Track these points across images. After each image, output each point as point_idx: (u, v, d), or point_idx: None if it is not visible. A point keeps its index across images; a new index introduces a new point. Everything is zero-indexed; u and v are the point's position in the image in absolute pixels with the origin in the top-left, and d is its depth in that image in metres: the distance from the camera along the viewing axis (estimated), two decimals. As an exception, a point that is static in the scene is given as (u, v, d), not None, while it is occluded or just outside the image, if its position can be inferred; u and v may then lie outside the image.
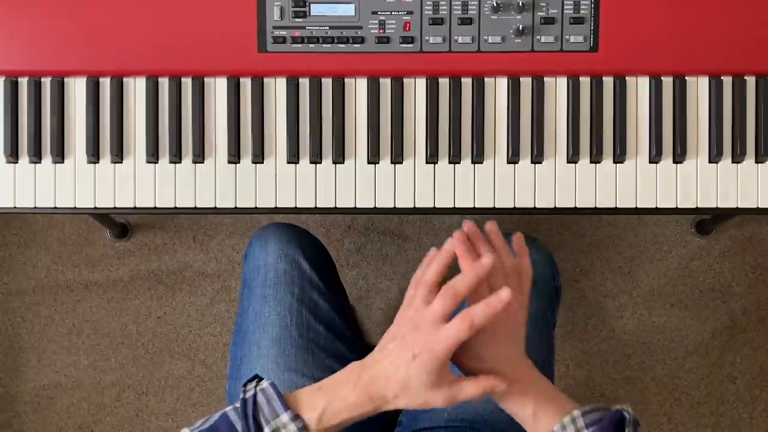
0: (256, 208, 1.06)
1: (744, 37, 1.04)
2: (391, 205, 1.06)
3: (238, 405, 0.80)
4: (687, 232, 1.70)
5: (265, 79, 1.06)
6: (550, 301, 1.11)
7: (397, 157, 1.05)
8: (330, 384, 0.83)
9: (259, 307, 1.08)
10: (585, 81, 1.05)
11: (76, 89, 1.05)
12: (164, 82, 1.05)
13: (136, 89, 1.06)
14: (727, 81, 1.06)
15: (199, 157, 1.05)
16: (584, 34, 1.04)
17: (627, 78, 1.05)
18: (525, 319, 0.89)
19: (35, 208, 1.06)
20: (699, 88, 1.06)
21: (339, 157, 1.05)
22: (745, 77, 1.05)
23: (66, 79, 1.05)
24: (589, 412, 0.81)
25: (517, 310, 0.87)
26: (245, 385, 0.82)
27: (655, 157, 1.06)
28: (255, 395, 0.80)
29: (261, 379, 0.83)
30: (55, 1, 1.03)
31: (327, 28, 1.04)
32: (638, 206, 1.06)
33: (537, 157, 1.05)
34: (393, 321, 0.85)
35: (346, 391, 0.81)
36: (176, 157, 1.05)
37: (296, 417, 0.79)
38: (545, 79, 1.06)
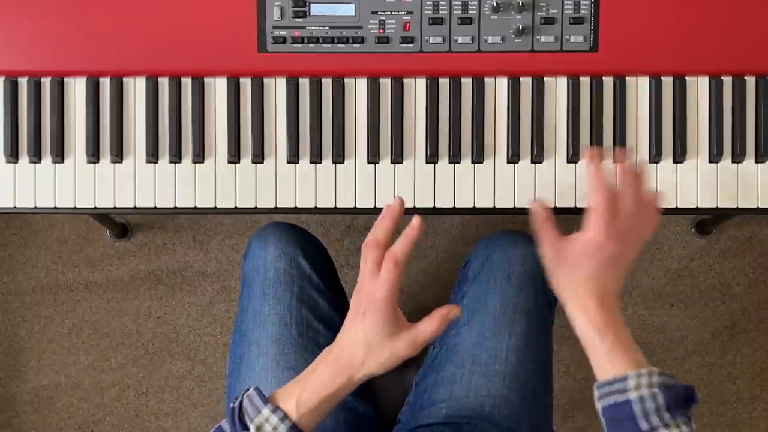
0: (256, 208, 1.06)
1: (744, 37, 1.04)
2: (391, 205, 1.06)
3: (229, 414, 0.83)
4: (687, 232, 1.70)
5: (265, 79, 1.06)
6: (547, 298, 1.11)
7: (397, 157, 1.05)
8: (305, 372, 0.86)
9: (258, 306, 1.08)
10: (585, 81, 1.05)
11: (76, 89, 1.05)
12: (164, 82, 1.05)
13: (136, 89, 1.06)
14: (727, 81, 1.06)
15: (199, 157, 1.05)
16: (584, 34, 1.04)
17: (627, 78, 1.05)
18: (637, 243, 0.90)
19: (35, 208, 1.06)
20: (699, 88, 1.06)
21: (339, 157, 1.05)
22: (745, 77, 1.05)
23: (66, 79, 1.05)
24: (665, 374, 0.83)
25: (609, 240, 0.87)
26: (235, 400, 0.85)
27: (655, 157, 1.06)
28: (241, 401, 0.83)
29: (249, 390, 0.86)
30: (55, 2, 1.03)
31: (327, 28, 1.04)
32: (638, 206, 1.06)
33: (537, 157, 1.05)
34: None
35: (319, 371, 0.84)
36: (176, 157, 1.05)
37: (276, 408, 0.81)
38: (545, 79, 1.06)
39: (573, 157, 1.05)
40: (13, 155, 1.05)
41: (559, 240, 0.91)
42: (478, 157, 1.05)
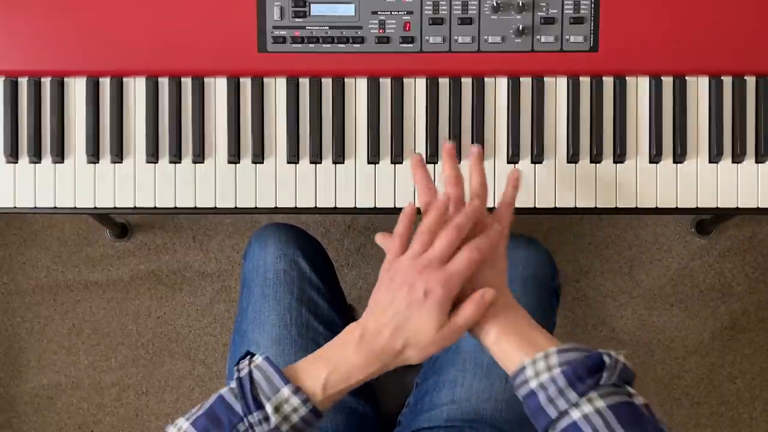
0: (256, 208, 1.06)
1: (744, 37, 1.04)
2: (391, 205, 1.06)
3: (233, 385, 0.78)
4: (687, 232, 1.70)
5: (265, 79, 1.06)
6: (549, 300, 1.11)
7: (397, 157, 1.05)
8: (329, 350, 0.81)
9: (258, 306, 1.08)
10: (585, 81, 1.05)
11: (76, 89, 1.05)
12: (164, 82, 1.05)
13: (136, 89, 1.06)
14: (727, 81, 1.06)
15: (199, 157, 1.05)
16: (584, 34, 1.04)
17: (627, 78, 1.05)
18: (500, 246, 0.87)
19: (35, 208, 1.06)
20: (699, 88, 1.06)
21: (339, 157, 1.05)
22: (745, 77, 1.05)
23: (66, 79, 1.05)
24: (566, 350, 0.77)
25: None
26: (238, 363, 0.80)
27: (655, 157, 1.06)
28: (250, 372, 0.78)
29: (253, 355, 0.81)
30: (54, 1, 1.03)
31: (327, 28, 1.04)
32: (638, 206, 1.06)
33: (537, 157, 1.05)
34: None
35: (348, 353, 0.80)
36: (176, 157, 1.05)
37: (297, 390, 0.77)
38: (545, 79, 1.06)
39: (573, 157, 1.05)
40: (13, 155, 1.05)
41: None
42: (478, 157, 1.05)
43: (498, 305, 0.83)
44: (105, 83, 1.05)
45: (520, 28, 1.03)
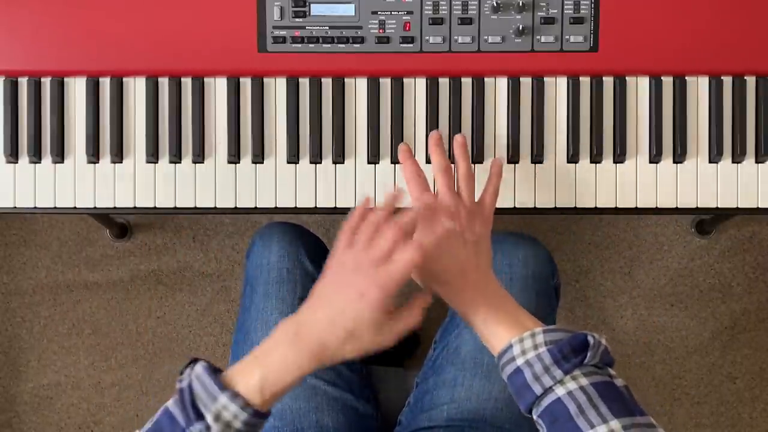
0: (256, 208, 1.06)
1: (744, 37, 1.04)
2: (391, 205, 1.06)
3: (177, 397, 0.77)
4: (687, 232, 1.70)
5: (265, 79, 1.06)
6: (548, 300, 1.11)
7: (397, 157, 1.05)
8: (264, 349, 0.79)
9: (261, 305, 1.08)
10: (585, 81, 1.05)
11: (76, 89, 1.05)
12: (164, 82, 1.05)
13: (136, 89, 1.06)
14: (727, 81, 1.06)
15: (199, 157, 1.05)
16: (584, 34, 1.04)
17: (627, 78, 1.05)
18: (478, 228, 0.90)
19: (35, 208, 1.06)
20: (699, 88, 1.06)
21: (339, 157, 1.05)
22: (745, 77, 1.05)
23: (66, 79, 1.05)
24: (552, 330, 0.79)
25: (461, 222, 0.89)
26: (181, 373, 0.79)
27: (655, 157, 1.05)
28: (190, 383, 0.76)
29: (196, 362, 0.79)
30: (55, 2, 1.03)
31: (327, 28, 1.04)
32: (638, 206, 1.06)
33: (537, 157, 1.05)
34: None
35: (283, 350, 0.78)
36: (176, 157, 1.05)
37: (235, 395, 0.75)
38: (545, 79, 1.06)
39: (573, 157, 1.05)
40: (13, 155, 1.05)
41: None
42: (477, 157, 1.05)
43: (488, 288, 0.86)
44: (105, 83, 1.05)
45: (520, 28, 1.03)
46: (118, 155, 1.05)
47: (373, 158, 1.05)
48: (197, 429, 0.74)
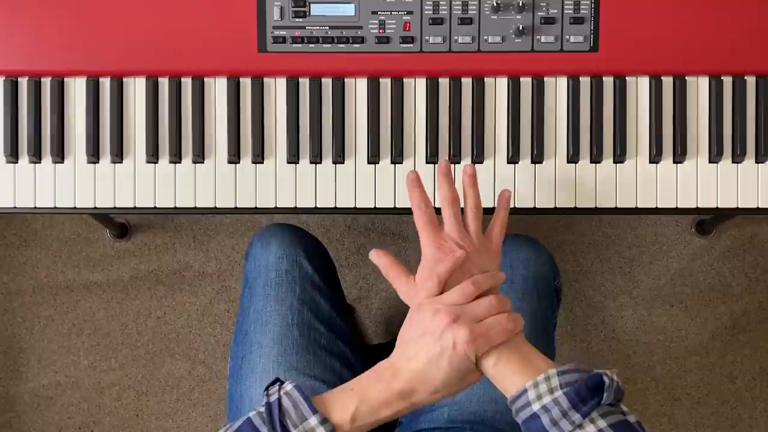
0: (256, 208, 1.06)
1: (744, 37, 1.04)
2: (391, 205, 1.06)
3: (261, 409, 0.79)
4: (687, 232, 1.70)
5: (265, 79, 1.06)
6: (550, 301, 1.11)
7: (397, 157, 1.05)
8: (361, 383, 0.82)
9: (260, 306, 1.08)
10: (585, 81, 1.05)
11: (76, 89, 1.05)
12: (164, 82, 1.05)
13: (136, 89, 1.06)
14: (727, 81, 1.06)
15: (199, 157, 1.05)
16: (584, 34, 1.04)
17: (627, 78, 1.05)
18: (485, 263, 0.90)
19: (35, 208, 1.06)
20: (699, 88, 1.06)
21: (339, 157, 1.05)
22: (745, 77, 1.05)
23: (66, 79, 1.05)
24: (566, 372, 0.78)
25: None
26: (267, 389, 0.81)
27: (655, 157, 1.05)
28: (279, 399, 0.78)
29: (282, 382, 0.81)
30: (55, 2, 1.03)
31: (327, 28, 1.04)
32: (638, 206, 1.06)
33: (537, 157, 1.05)
34: (403, 318, 0.85)
35: (380, 388, 0.80)
36: (176, 157, 1.05)
37: (324, 420, 0.77)
38: (545, 79, 1.06)
39: (573, 157, 1.05)
40: (13, 155, 1.05)
41: (409, 275, 0.89)
42: (478, 157, 1.05)
43: None
44: (105, 83, 1.05)
45: (520, 28, 1.03)
46: (118, 155, 1.05)
47: (373, 158, 1.05)
48: None
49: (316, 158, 1.05)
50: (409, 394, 0.80)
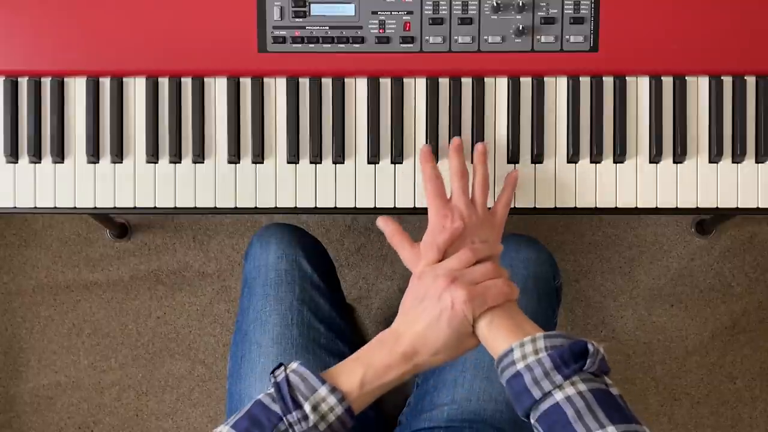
0: (256, 208, 1.06)
1: (744, 37, 1.04)
2: (391, 205, 1.06)
3: (270, 390, 0.81)
4: (687, 232, 1.70)
5: (265, 79, 1.06)
6: (550, 301, 1.11)
7: (397, 157, 1.05)
8: (366, 351, 0.86)
9: (260, 306, 1.08)
10: (585, 81, 1.05)
11: (76, 89, 1.05)
12: (164, 82, 1.05)
13: (136, 89, 1.06)
14: (727, 81, 1.06)
15: (199, 157, 1.05)
16: (584, 34, 1.04)
17: (627, 78, 1.05)
18: (487, 235, 0.95)
19: (35, 208, 1.06)
20: (699, 88, 1.06)
21: (339, 157, 1.05)
22: (745, 77, 1.05)
23: (66, 79, 1.05)
24: (552, 336, 0.81)
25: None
26: (273, 372, 0.83)
27: (655, 157, 1.06)
28: (287, 377, 0.81)
29: (286, 366, 0.84)
30: (55, 1, 1.03)
31: (327, 28, 1.04)
32: (638, 206, 1.06)
33: (537, 157, 1.05)
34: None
35: (383, 354, 0.84)
36: (176, 157, 1.05)
37: (334, 389, 0.80)
38: (545, 79, 1.06)
39: (573, 157, 1.05)
40: (13, 155, 1.05)
41: (413, 244, 0.94)
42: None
43: None
44: (105, 83, 1.05)
45: (520, 28, 1.03)
46: (118, 155, 1.05)
47: (373, 158, 1.05)
48: (295, 417, 0.79)
49: (316, 158, 1.05)
50: (412, 356, 0.84)
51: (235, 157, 1.05)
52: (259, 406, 0.80)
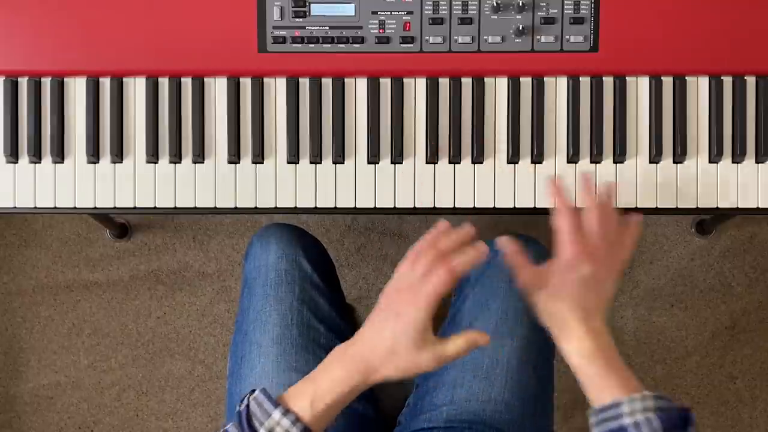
0: (256, 208, 1.06)
1: (744, 37, 1.04)
2: (391, 205, 1.06)
3: (235, 419, 0.82)
4: (687, 232, 1.70)
5: (265, 79, 1.06)
6: (550, 301, 1.11)
7: (397, 157, 1.05)
8: (317, 370, 0.84)
9: (260, 306, 1.08)
10: (585, 81, 1.05)
11: (76, 89, 1.05)
12: (164, 82, 1.05)
13: (136, 89, 1.06)
14: (727, 81, 1.06)
15: (199, 157, 1.05)
16: (584, 34, 1.04)
17: (627, 78, 1.05)
18: (613, 264, 0.91)
19: (35, 208, 1.06)
20: (699, 88, 1.06)
21: (339, 157, 1.05)
22: (745, 77, 1.05)
23: (66, 79, 1.05)
24: (661, 397, 0.82)
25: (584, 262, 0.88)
26: (240, 402, 0.83)
27: (655, 157, 1.05)
28: (248, 405, 0.81)
29: (254, 391, 0.84)
30: (55, 1, 1.03)
31: (327, 28, 1.04)
32: (638, 206, 1.06)
33: (537, 157, 1.05)
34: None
35: (333, 367, 0.83)
36: (176, 157, 1.05)
37: (287, 411, 0.80)
38: (545, 79, 1.05)
39: (573, 157, 1.05)
40: (13, 155, 1.05)
41: (534, 269, 0.92)
42: (478, 157, 1.05)
43: (603, 337, 0.87)
44: (105, 83, 1.05)
45: (520, 28, 1.03)
46: (118, 155, 1.05)
47: (373, 158, 1.05)
48: None
49: (316, 158, 1.05)
50: (359, 368, 0.82)
51: (235, 157, 1.05)
52: None
